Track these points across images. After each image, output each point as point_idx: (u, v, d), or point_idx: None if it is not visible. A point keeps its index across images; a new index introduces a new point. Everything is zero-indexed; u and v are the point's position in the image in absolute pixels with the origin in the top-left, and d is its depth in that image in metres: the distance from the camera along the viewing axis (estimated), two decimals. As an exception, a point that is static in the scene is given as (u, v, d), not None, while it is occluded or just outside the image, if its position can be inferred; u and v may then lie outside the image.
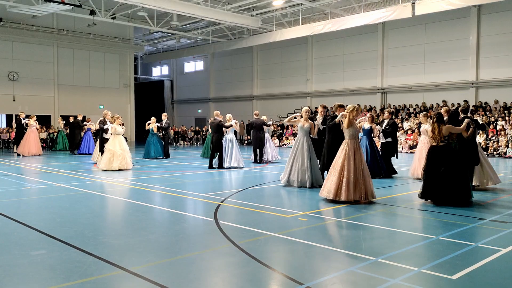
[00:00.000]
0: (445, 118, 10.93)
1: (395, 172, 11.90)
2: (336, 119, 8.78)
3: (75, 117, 21.57)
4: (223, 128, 14.03)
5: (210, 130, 18.57)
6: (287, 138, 28.16)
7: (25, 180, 11.49)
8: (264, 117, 16.60)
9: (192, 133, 32.13)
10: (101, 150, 13.86)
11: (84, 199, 8.51)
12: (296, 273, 4.35)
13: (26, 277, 4.21)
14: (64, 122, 22.65)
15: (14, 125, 20.52)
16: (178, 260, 4.77)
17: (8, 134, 24.02)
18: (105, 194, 9.35)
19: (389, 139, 11.95)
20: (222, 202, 8.05)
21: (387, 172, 11.63)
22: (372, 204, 7.74)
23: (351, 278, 4.23)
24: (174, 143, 30.76)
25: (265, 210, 7.35)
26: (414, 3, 19.55)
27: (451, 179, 7.58)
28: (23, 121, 19.56)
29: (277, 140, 28.33)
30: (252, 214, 7.19)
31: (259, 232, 5.87)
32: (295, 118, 9.95)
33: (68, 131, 22.65)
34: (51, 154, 19.90)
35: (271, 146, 16.58)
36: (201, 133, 31.85)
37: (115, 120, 13.54)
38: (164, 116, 18.05)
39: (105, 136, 14.17)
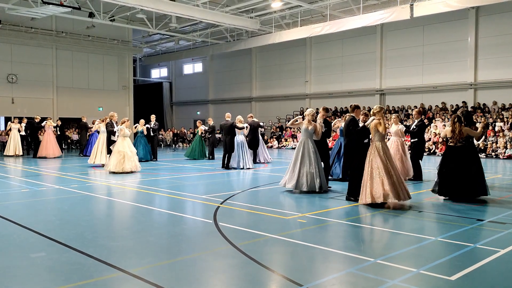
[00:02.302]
0: (417, 120, 10.93)
1: None
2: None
3: (59, 118, 21.34)
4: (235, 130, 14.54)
5: (198, 132, 18.72)
6: (285, 140, 28.18)
7: (24, 182, 11.48)
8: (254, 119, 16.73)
9: (191, 135, 32.11)
10: (109, 153, 13.85)
11: (83, 201, 8.51)
12: (295, 274, 4.37)
13: (26, 279, 4.22)
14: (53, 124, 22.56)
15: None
16: (178, 262, 4.78)
17: (6, 136, 23.94)
18: (104, 196, 9.34)
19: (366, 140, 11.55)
20: (221, 204, 8.06)
21: None
22: (371, 204, 7.75)
23: (350, 279, 4.25)
24: (173, 145, 30.73)
25: (264, 212, 7.36)
26: (412, 4, 19.59)
27: (470, 176, 8.00)
28: (42, 124, 19.80)
29: (276, 142, 28.37)
30: (251, 215, 7.20)
31: (259, 233, 5.89)
32: (297, 121, 9.84)
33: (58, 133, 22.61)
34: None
35: (262, 148, 16.66)
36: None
37: (123, 122, 13.50)
38: (152, 118, 18.14)
39: (112, 138, 14.01)
